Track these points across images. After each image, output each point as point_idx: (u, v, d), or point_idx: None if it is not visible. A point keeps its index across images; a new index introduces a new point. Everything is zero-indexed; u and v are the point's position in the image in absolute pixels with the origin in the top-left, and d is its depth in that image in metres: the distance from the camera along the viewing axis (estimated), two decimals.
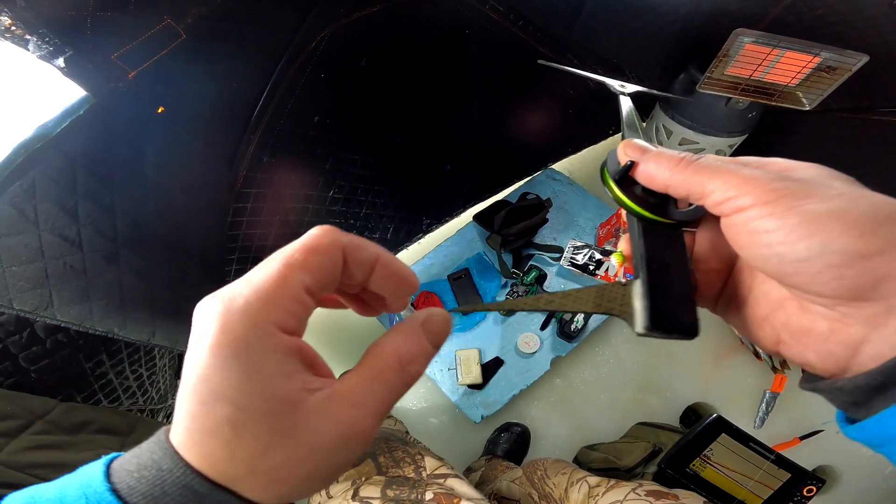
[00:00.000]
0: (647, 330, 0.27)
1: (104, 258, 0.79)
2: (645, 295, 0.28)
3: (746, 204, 0.25)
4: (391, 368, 0.24)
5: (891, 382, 0.23)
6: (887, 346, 0.23)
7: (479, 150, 1.53)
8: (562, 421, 1.57)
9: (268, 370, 0.22)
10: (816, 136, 1.33)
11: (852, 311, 0.24)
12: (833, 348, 0.25)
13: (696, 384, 1.59)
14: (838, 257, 0.23)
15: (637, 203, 0.30)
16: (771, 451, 1.06)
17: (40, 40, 0.67)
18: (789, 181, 0.25)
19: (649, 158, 0.29)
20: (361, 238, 0.26)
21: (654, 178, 0.29)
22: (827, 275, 0.23)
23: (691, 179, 0.27)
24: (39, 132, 0.72)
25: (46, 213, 0.73)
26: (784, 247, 0.24)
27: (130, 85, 0.79)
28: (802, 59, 1.03)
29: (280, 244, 0.25)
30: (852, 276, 0.23)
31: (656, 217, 0.30)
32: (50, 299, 0.74)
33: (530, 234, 1.63)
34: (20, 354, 0.79)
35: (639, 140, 0.31)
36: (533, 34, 1.31)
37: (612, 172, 0.31)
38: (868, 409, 0.24)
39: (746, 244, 0.26)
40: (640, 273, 0.29)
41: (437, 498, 0.72)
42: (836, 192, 0.24)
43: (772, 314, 0.29)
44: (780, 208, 0.24)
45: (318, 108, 1.15)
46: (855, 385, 0.24)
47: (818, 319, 0.26)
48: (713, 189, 0.26)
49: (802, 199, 0.24)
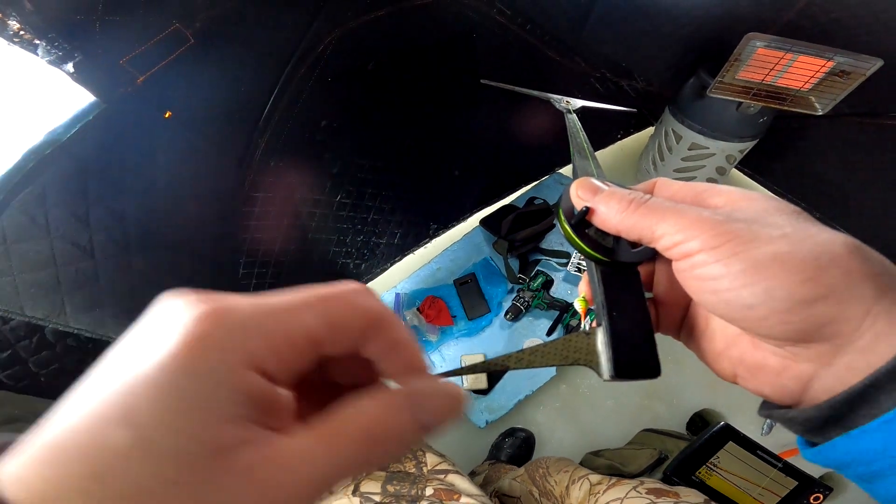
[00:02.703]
0: (612, 379, 0.28)
1: (116, 265, 0.79)
2: (608, 345, 0.29)
3: (694, 249, 0.25)
4: (352, 440, 0.19)
5: (840, 415, 0.24)
6: (836, 381, 0.24)
7: (487, 154, 1.53)
8: (567, 426, 1.56)
9: (209, 408, 0.17)
10: (829, 141, 1.31)
11: (800, 351, 0.25)
12: (785, 382, 0.26)
13: (704, 390, 1.58)
14: (781, 304, 0.23)
15: (591, 246, 0.30)
16: (778, 458, 1.05)
17: (49, 45, 0.67)
18: (736, 223, 0.25)
19: (600, 201, 0.29)
20: (395, 315, 0.22)
21: (606, 222, 0.29)
22: (773, 320, 0.24)
23: (641, 223, 0.27)
24: (49, 138, 0.73)
25: (58, 220, 0.74)
26: (730, 293, 0.24)
27: (139, 90, 0.79)
28: (815, 64, 1.02)
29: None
30: (797, 322, 0.23)
31: (611, 260, 0.30)
32: (62, 306, 0.75)
33: (537, 240, 1.62)
34: (30, 359, 0.79)
35: (592, 179, 0.30)
36: (540, 37, 1.30)
37: (566, 213, 0.31)
38: (824, 436, 0.25)
39: (695, 289, 0.27)
40: (601, 321, 0.29)
41: (438, 494, 0.72)
42: (779, 232, 0.24)
43: (727, 349, 0.30)
44: (725, 254, 0.24)
45: (325, 112, 1.15)
46: (805, 417, 0.25)
47: (769, 356, 0.27)
48: (662, 233, 0.26)
49: (747, 243, 0.24)
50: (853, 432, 0.23)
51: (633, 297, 0.30)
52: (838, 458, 0.24)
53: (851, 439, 0.23)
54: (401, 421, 0.20)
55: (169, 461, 0.16)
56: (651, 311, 0.33)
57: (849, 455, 0.24)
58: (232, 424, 0.17)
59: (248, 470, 0.17)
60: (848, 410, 0.24)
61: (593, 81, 1.45)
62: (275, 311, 0.19)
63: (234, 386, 0.18)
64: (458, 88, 1.32)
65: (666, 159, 1.52)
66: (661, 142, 1.50)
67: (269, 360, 0.19)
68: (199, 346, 0.18)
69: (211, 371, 0.17)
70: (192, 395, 0.17)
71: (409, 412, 0.20)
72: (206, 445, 0.17)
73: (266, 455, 0.18)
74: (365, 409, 0.20)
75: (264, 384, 0.19)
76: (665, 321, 0.33)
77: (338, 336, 0.20)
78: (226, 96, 0.96)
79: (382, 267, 1.56)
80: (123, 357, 0.18)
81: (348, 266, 1.44)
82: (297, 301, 0.20)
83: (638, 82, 1.45)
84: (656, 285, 0.33)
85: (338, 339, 0.21)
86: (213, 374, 0.17)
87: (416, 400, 0.21)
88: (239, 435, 0.18)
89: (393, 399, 0.20)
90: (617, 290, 0.30)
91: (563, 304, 1.50)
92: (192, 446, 0.17)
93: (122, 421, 0.16)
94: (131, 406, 0.17)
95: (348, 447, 0.19)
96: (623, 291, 0.30)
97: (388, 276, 1.60)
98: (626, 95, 1.51)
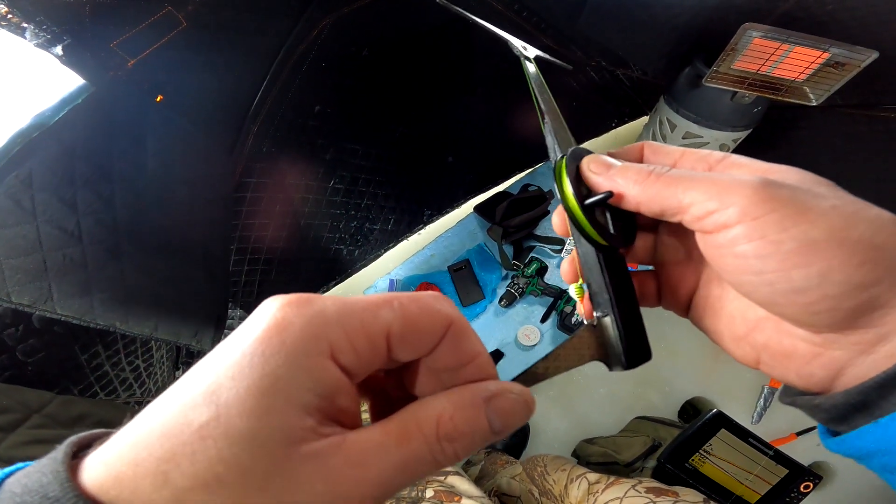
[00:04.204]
0: (625, 369, 0.27)
1: (105, 250, 0.77)
2: (619, 337, 0.27)
3: (732, 220, 0.22)
4: (422, 435, 0.19)
5: (870, 401, 0.22)
6: (871, 370, 0.22)
7: (481, 141, 1.52)
8: (561, 415, 1.58)
9: (286, 392, 0.17)
10: (821, 131, 1.32)
11: (838, 338, 0.23)
12: (815, 370, 0.24)
13: (696, 379, 1.60)
14: (836, 288, 0.21)
15: (599, 231, 0.27)
16: (770, 446, 1.06)
17: (38, 28, 0.65)
18: (780, 188, 0.22)
19: (616, 174, 0.26)
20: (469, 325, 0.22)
21: (623, 197, 0.26)
22: (822, 305, 0.22)
23: (664, 192, 0.24)
24: (37, 121, 0.71)
25: (44, 204, 0.72)
26: (776, 275, 0.22)
27: (130, 73, 0.77)
28: (811, 55, 1.02)
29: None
30: (848, 308, 0.21)
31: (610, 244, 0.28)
32: (49, 292, 0.73)
33: (531, 226, 1.62)
34: (17, 347, 0.78)
35: (604, 156, 0.28)
36: (536, 25, 1.29)
37: (575, 191, 0.27)
38: (848, 425, 0.23)
39: (731, 268, 0.23)
40: (607, 311, 0.28)
41: (438, 495, 0.72)
42: (828, 204, 0.21)
43: (749, 333, 0.27)
44: (771, 228, 0.21)
45: (319, 98, 1.13)
46: (832, 403, 0.23)
47: (799, 343, 0.25)
48: (691, 201, 0.23)
49: (797, 216, 0.21)
50: (882, 420, 0.21)
51: (627, 281, 0.29)
52: (864, 447, 0.23)
53: (879, 427, 0.22)
54: (472, 418, 0.20)
55: (244, 445, 0.16)
56: (650, 284, 0.32)
57: (875, 444, 0.22)
58: (306, 413, 0.18)
59: (319, 462, 0.17)
60: (877, 397, 0.22)
61: (589, 70, 1.44)
62: (355, 306, 0.19)
63: (311, 371, 0.18)
64: (453, 75, 1.31)
65: None
66: (656, 130, 1.50)
67: (345, 351, 0.19)
68: (281, 332, 0.18)
69: (290, 355, 0.18)
70: (271, 377, 0.17)
71: (482, 411, 0.20)
72: (282, 433, 0.17)
73: (338, 448, 0.18)
74: (436, 406, 0.20)
75: (339, 374, 0.19)
76: (669, 298, 0.31)
77: (413, 336, 0.20)
78: (218, 81, 0.94)
79: (376, 253, 1.55)
80: (219, 347, 0.19)
81: (342, 252, 1.43)
82: (377, 299, 0.20)
83: (633, 71, 1.45)
84: (662, 258, 0.30)
85: (412, 340, 0.20)
86: (292, 358, 0.18)
87: (487, 399, 0.20)
88: (312, 426, 0.18)
89: (465, 397, 0.20)
90: (617, 277, 0.28)
91: (557, 290, 1.51)
92: (269, 432, 0.17)
93: (207, 400, 0.17)
94: (216, 386, 0.17)
95: (419, 443, 0.19)
96: (620, 278, 0.28)
97: (382, 263, 1.60)
98: (622, 84, 1.51)
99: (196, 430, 0.16)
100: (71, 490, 0.16)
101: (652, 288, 0.32)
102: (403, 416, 0.20)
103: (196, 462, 0.16)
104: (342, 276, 1.50)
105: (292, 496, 0.17)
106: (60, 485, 0.16)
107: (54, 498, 0.16)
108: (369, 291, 1.60)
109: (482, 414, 0.20)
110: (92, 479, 0.17)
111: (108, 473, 0.17)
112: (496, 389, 0.21)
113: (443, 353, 0.21)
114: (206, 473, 0.16)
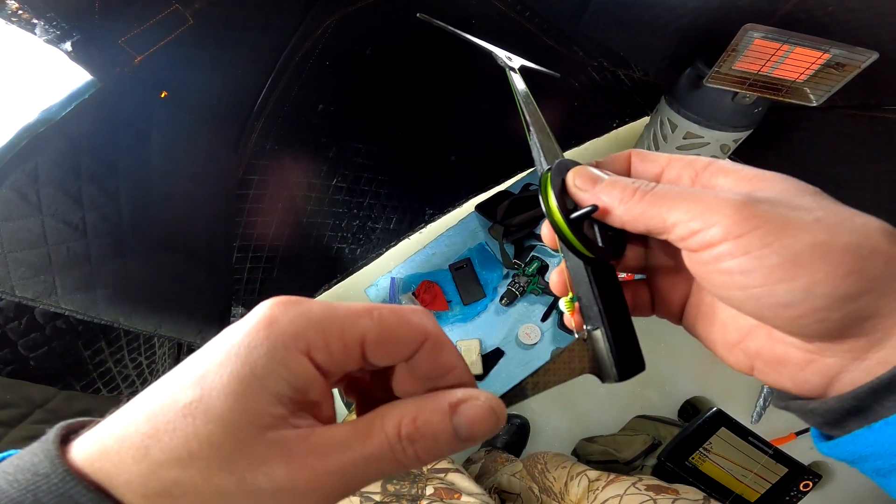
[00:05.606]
0: (617, 381, 0.28)
1: (109, 245, 0.78)
2: (610, 350, 0.27)
3: (716, 238, 0.22)
4: (384, 434, 0.20)
5: (864, 406, 0.22)
6: (865, 376, 0.22)
7: (483, 140, 1.52)
8: (561, 413, 1.58)
9: (262, 380, 0.19)
10: (822, 132, 1.33)
11: (830, 346, 0.23)
12: (809, 377, 0.24)
13: (695, 378, 1.60)
14: (822, 301, 0.21)
15: (586, 244, 0.27)
16: (769, 445, 1.07)
17: (47, 24, 0.66)
18: (761, 204, 0.22)
19: (601, 191, 0.26)
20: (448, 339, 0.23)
21: (609, 215, 0.26)
22: (809, 318, 0.22)
23: (649, 212, 0.24)
24: (43, 116, 0.71)
25: (49, 198, 0.72)
26: (761, 290, 0.22)
27: (136, 70, 0.78)
28: (812, 56, 1.02)
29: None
30: (837, 319, 0.21)
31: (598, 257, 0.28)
32: (53, 286, 0.73)
33: (532, 225, 1.62)
34: (19, 341, 0.78)
35: (591, 168, 0.27)
36: (539, 25, 1.29)
37: (560, 205, 0.27)
38: (842, 429, 0.24)
39: (718, 284, 0.24)
40: (597, 325, 0.28)
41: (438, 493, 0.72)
42: (811, 217, 0.21)
43: (742, 341, 0.27)
44: (755, 245, 0.21)
45: (322, 97, 1.14)
46: (826, 408, 0.23)
47: (792, 350, 0.25)
48: (675, 221, 0.23)
49: (779, 231, 0.21)
50: (875, 425, 0.22)
51: (618, 292, 0.29)
52: (857, 451, 0.23)
53: (873, 432, 0.22)
54: (434, 422, 0.21)
55: (218, 423, 0.18)
56: (643, 293, 0.31)
57: (868, 448, 0.22)
58: (279, 402, 0.19)
59: (284, 449, 0.19)
60: (872, 402, 0.22)
61: (590, 70, 1.45)
62: (338, 312, 0.21)
63: (287, 364, 0.19)
64: (456, 74, 1.32)
65: (661, 148, 1.53)
66: (657, 131, 1.51)
67: (320, 350, 0.20)
68: (266, 327, 0.20)
69: (271, 348, 0.19)
70: (251, 365, 0.19)
71: (446, 416, 0.21)
72: (253, 416, 0.18)
73: (304, 438, 0.19)
74: (403, 408, 0.21)
75: (312, 370, 0.20)
76: (662, 306, 0.31)
77: (388, 345, 0.22)
78: (223, 78, 0.94)
79: (378, 252, 1.55)
80: (215, 339, 0.21)
81: (343, 251, 1.44)
82: (360, 308, 0.21)
83: (635, 71, 1.45)
84: (653, 267, 0.31)
85: (387, 348, 0.22)
86: (273, 351, 0.19)
87: (453, 405, 0.21)
88: (283, 414, 0.19)
89: (431, 402, 0.21)
90: (607, 289, 0.28)
91: None
92: (241, 414, 0.18)
93: (194, 383, 0.19)
94: (204, 371, 0.19)
95: (381, 442, 0.20)
96: (610, 290, 0.28)
97: (384, 261, 1.60)
98: (623, 84, 1.51)
99: (181, 409, 0.18)
100: (60, 465, 0.17)
101: (645, 298, 0.32)
102: (372, 415, 0.21)
103: (175, 437, 0.18)
104: (344, 274, 1.51)
105: (254, 477, 0.18)
106: (51, 461, 0.18)
107: (44, 473, 0.17)
108: (371, 290, 1.60)
109: (447, 419, 0.21)
110: (81, 455, 0.18)
111: (95, 448, 0.18)
112: (463, 396, 0.22)
113: (420, 362, 0.22)
114: (181, 448, 0.18)
